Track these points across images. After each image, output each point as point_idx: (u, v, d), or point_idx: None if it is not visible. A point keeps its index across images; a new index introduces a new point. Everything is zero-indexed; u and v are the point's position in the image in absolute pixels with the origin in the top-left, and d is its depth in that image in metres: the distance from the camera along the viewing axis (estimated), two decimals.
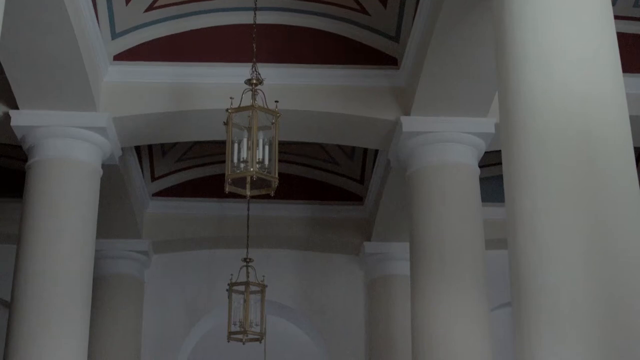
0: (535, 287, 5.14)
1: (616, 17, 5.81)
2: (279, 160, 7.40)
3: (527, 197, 5.30)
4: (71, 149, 8.87)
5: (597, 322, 4.92)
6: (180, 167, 12.33)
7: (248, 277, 10.65)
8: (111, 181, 10.02)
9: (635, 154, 5.70)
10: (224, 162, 7.43)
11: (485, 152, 9.38)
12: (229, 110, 7.32)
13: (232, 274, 10.70)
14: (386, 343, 11.79)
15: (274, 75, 8.64)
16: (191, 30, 9.34)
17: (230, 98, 7.30)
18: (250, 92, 7.39)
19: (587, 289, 4.97)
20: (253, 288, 10.58)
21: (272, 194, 7.33)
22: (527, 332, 5.15)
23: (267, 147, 7.25)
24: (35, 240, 8.51)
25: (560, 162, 5.23)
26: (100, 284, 11.38)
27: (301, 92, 9.20)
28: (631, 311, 4.95)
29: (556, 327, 5.00)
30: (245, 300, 10.47)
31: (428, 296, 8.62)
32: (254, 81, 7.41)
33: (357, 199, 12.49)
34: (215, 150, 11.46)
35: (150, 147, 11.62)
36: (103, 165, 9.28)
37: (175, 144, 11.74)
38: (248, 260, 10.75)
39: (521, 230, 5.29)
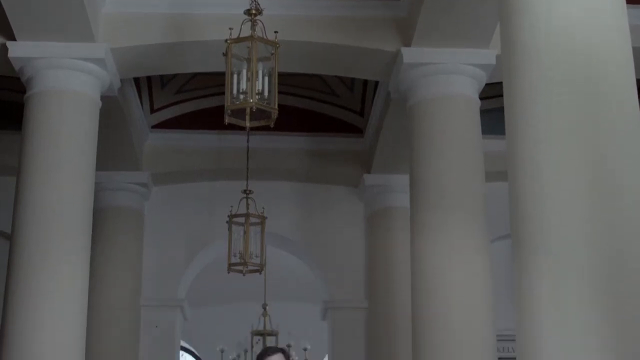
0: (535, 220, 5.15)
1: None
2: (279, 92, 7.36)
3: (528, 128, 5.28)
4: (70, 81, 8.82)
5: (597, 257, 4.93)
6: (179, 99, 12.28)
7: (248, 208, 10.67)
8: (110, 113, 9.98)
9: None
10: (223, 93, 7.40)
11: (486, 84, 9.33)
12: (228, 41, 7.26)
13: (232, 206, 10.71)
14: (385, 275, 11.86)
15: (273, 5, 8.54)
16: None
17: (230, 29, 7.24)
18: (249, 23, 7.33)
19: (588, 221, 4.97)
20: (253, 220, 10.61)
21: (272, 125, 7.31)
22: (526, 269, 5.16)
23: (266, 78, 7.21)
24: (34, 171, 8.51)
25: (562, 92, 5.20)
26: (100, 216, 11.39)
27: (301, 23, 9.11)
28: (632, 244, 4.96)
29: (555, 260, 5.01)
30: (245, 232, 10.51)
31: (428, 228, 8.65)
32: (253, 11, 7.34)
33: (357, 131, 12.47)
34: (215, 82, 11.40)
35: (149, 78, 11.56)
36: (102, 97, 9.23)
37: (174, 76, 11.69)
38: (248, 192, 10.76)
39: (522, 163, 5.28)
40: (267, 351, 6.34)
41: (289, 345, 15.89)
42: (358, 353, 12.14)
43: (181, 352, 16.09)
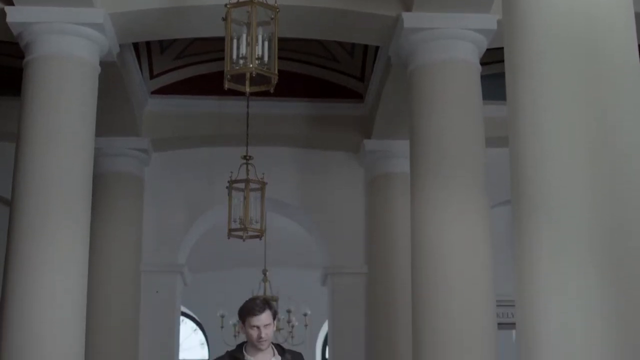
0: (536, 183, 5.14)
1: None
2: (279, 57, 7.33)
3: (529, 92, 5.26)
4: (68, 46, 8.77)
5: (598, 222, 4.93)
6: (179, 65, 12.23)
7: (248, 174, 10.65)
8: (109, 78, 9.94)
9: None
10: (223, 58, 7.36)
11: (487, 50, 9.29)
12: (228, 6, 7.22)
13: (232, 172, 10.70)
14: (385, 240, 11.87)
15: None
16: None
17: None
18: None
19: (589, 185, 4.97)
20: (253, 185, 10.60)
21: (272, 90, 7.28)
22: (526, 233, 5.16)
23: (266, 43, 7.18)
24: (34, 137, 8.49)
25: (563, 56, 5.17)
26: (100, 181, 11.37)
27: None
28: (631, 208, 4.96)
29: (556, 224, 5.01)
30: (245, 198, 10.50)
31: (428, 194, 8.64)
32: None
33: (357, 96, 12.43)
34: (214, 47, 11.34)
35: (148, 44, 11.50)
36: (101, 63, 9.19)
37: (173, 41, 11.62)
38: (248, 157, 10.74)
39: (523, 126, 5.27)
40: (255, 309, 5.58)
41: (289, 311, 15.93)
42: (358, 318, 12.18)
43: (181, 318, 16.13)
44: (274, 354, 5.73)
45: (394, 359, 11.34)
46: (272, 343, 5.78)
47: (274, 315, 5.68)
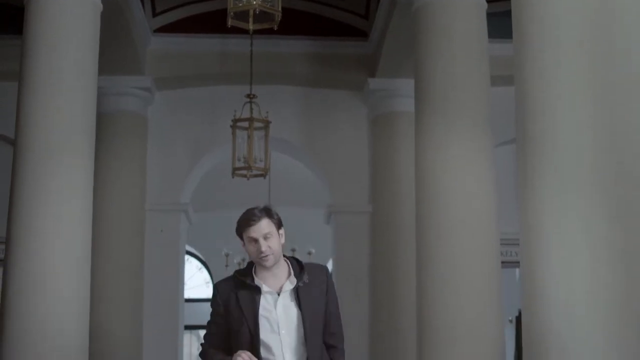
0: (541, 122, 5.12)
1: None
2: None
3: (535, 30, 5.21)
4: None
5: (602, 156, 4.91)
6: (181, 2, 12.13)
7: (251, 113, 10.62)
8: (112, 16, 9.86)
9: None
10: None
11: None
12: None
13: (235, 110, 10.67)
14: (389, 179, 11.88)
15: None
16: None
17: None
18: None
19: (593, 124, 4.95)
20: (257, 124, 10.57)
21: (276, 27, 7.24)
22: (530, 168, 5.15)
23: None
24: (36, 76, 8.42)
25: None
26: (103, 120, 11.36)
27: None
28: (636, 147, 4.94)
29: (560, 162, 5.00)
30: (249, 136, 10.48)
31: (432, 132, 8.62)
32: None
33: (361, 34, 12.34)
34: None
35: None
36: (103, 0, 9.10)
37: None
38: (251, 96, 10.69)
39: (528, 65, 5.23)
40: (250, 220, 4.73)
41: (293, 249, 15.99)
42: (362, 256, 12.22)
43: (186, 256, 16.22)
44: (289, 275, 4.74)
45: (398, 297, 11.41)
46: (287, 257, 4.82)
47: (278, 224, 4.70)
